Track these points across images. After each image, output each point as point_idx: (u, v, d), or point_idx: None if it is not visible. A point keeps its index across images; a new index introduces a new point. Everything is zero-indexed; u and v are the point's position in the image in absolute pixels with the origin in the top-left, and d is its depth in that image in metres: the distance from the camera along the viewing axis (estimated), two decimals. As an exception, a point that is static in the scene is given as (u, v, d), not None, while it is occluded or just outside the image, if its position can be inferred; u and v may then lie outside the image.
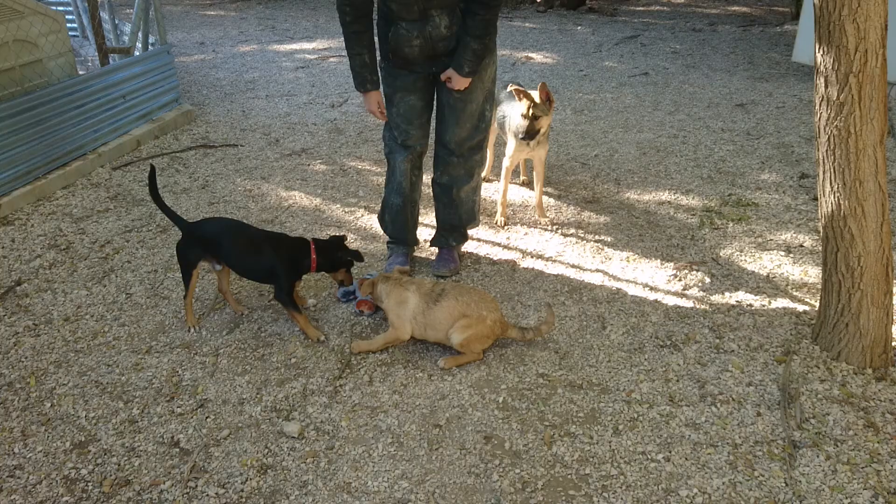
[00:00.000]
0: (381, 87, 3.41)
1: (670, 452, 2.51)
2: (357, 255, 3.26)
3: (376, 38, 3.32)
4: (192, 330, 3.23)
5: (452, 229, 3.73)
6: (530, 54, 8.76)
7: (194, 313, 3.30)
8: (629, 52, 8.87)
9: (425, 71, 3.32)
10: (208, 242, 3.14)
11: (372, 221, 4.29)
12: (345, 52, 3.70)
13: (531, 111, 3.81)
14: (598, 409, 2.72)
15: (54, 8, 5.84)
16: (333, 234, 3.48)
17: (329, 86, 7.42)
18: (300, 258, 3.15)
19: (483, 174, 3.83)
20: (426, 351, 3.07)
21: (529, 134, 3.85)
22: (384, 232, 3.82)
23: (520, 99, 3.86)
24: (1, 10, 4.77)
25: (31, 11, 5.05)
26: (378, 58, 3.37)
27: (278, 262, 3.10)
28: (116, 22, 7.59)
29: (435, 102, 3.47)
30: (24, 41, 5.00)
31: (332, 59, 8.60)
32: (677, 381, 2.87)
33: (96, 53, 6.09)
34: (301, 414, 2.72)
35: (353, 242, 4.03)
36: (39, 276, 3.71)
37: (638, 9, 12.25)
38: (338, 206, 4.53)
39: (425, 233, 3.97)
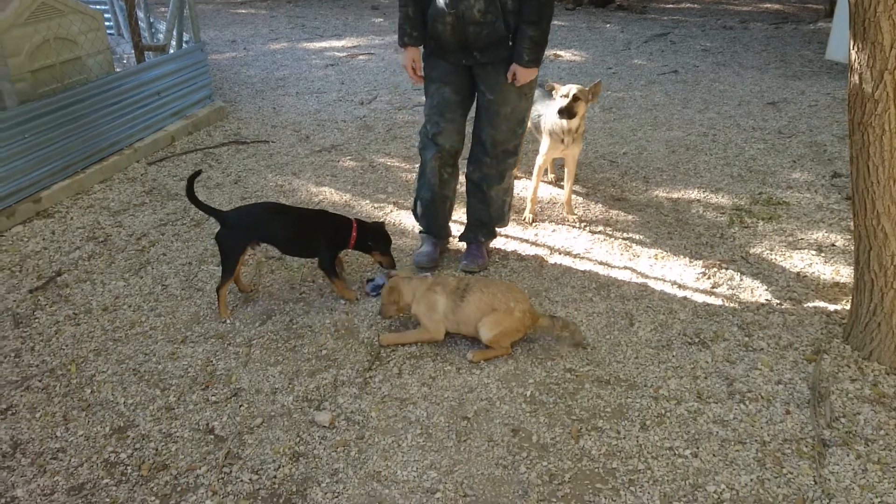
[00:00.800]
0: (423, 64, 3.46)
1: (698, 448, 2.52)
2: (384, 243, 3.47)
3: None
4: (227, 321, 3.30)
5: (482, 226, 3.75)
6: (558, 52, 8.74)
7: (227, 305, 3.37)
8: (658, 49, 8.81)
9: (458, 62, 3.34)
10: (251, 227, 3.31)
11: (401, 217, 4.34)
12: (373, 51, 3.75)
13: (573, 93, 3.91)
14: (626, 405, 2.74)
15: (92, 7, 5.98)
16: (375, 220, 3.71)
17: (358, 83, 7.49)
18: (342, 234, 3.40)
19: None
20: (454, 344, 3.11)
21: (567, 112, 3.91)
22: (416, 221, 3.87)
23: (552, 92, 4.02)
24: (43, 8, 4.90)
25: (71, 10, 5.18)
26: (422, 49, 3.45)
27: (322, 237, 3.37)
28: (151, 20, 7.74)
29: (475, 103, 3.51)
30: (65, 39, 5.13)
31: (361, 57, 8.67)
32: (705, 378, 2.88)
33: (132, 51, 6.23)
34: (332, 404, 2.77)
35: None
36: (79, 267, 3.82)
37: (668, 6, 12.15)
38: (367, 201, 4.58)
39: (457, 228, 4.00)
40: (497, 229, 3.86)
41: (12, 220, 4.24)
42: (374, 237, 3.46)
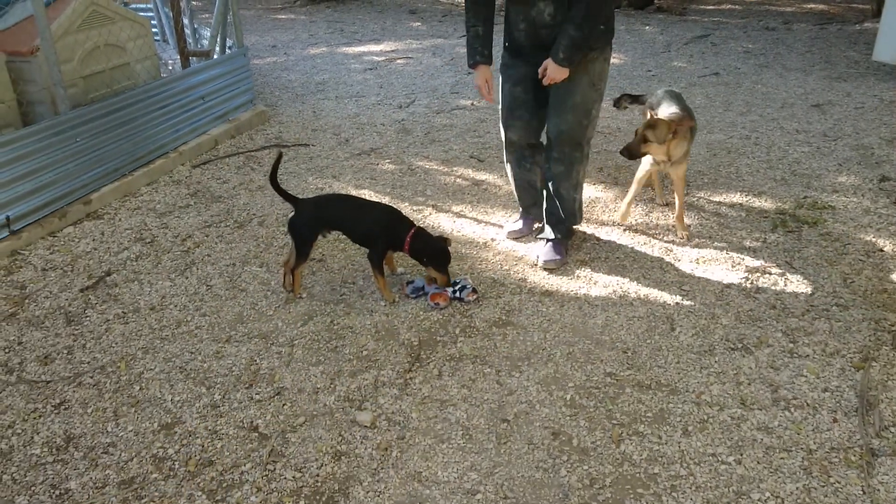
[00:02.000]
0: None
1: (742, 455, 2.48)
2: (439, 259, 3.41)
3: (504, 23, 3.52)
4: (303, 296, 3.58)
5: (557, 222, 3.79)
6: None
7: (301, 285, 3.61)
8: (699, 51, 8.70)
9: (533, 60, 3.42)
10: (326, 215, 3.55)
11: (440, 219, 4.37)
12: (411, 55, 3.85)
13: (644, 132, 3.65)
14: (667, 410, 2.72)
15: (140, 14, 6.14)
16: (441, 235, 3.63)
17: (396, 87, 7.55)
18: (398, 235, 3.45)
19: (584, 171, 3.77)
20: (494, 347, 3.12)
21: (628, 151, 3.74)
22: None
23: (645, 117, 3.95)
24: (94, 16, 5.05)
25: (120, 17, 5.33)
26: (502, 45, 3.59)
27: (379, 231, 3.47)
28: (196, 26, 7.91)
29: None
30: (114, 45, 5.29)
31: (399, 61, 8.74)
32: (749, 384, 2.84)
33: (177, 56, 6.38)
34: (373, 404, 2.80)
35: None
36: (127, 267, 3.92)
37: (708, 7, 11.98)
38: (406, 204, 4.62)
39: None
40: (573, 227, 3.88)
41: (64, 221, 4.37)
42: (430, 252, 3.42)
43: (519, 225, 4.07)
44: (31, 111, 4.80)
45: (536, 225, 4.09)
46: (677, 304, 3.40)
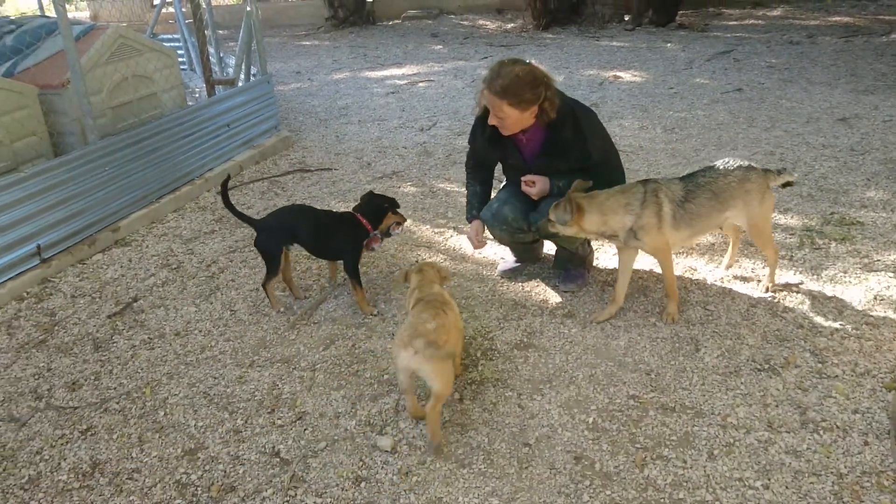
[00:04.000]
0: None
1: (769, 480, 2.43)
2: (384, 208, 3.74)
3: None
4: (281, 310, 3.70)
5: (569, 258, 3.77)
6: (618, 73, 8.69)
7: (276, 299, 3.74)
8: (721, 67, 8.66)
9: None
10: (286, 230, 3.64)
11: (460, 241, 4.38)
12: (433, 78, 3.88)
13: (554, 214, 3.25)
14: (692, 433, 2.67)
15: (167, 44, 6.30)
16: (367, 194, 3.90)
17: (418, 110, 7.61)
18: (362, 234, 3.66)
19: None
20: (515, 370, 3.10)
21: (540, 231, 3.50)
22: None
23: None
24: (122, 49, 5.20)
25: (148, 49, 5.47)
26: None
27: (350, 237, 3.65)
28: (221, 55, 8.08)
29: None
30: (142, 76, 5.42)
31: (420, 84, 8.82)
32: (776, 406, 2.78)
33: (203, 84, 6.52)
34: (393, 429, 2.80)
35: (442, 262, 4.12)
36: (153, 293, 3.99)
37: (730, 23, 11.93)
38: (427, 226, 4.64)
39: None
40: (585, 255, 3.84)
41: (93, 248, 4.47)
42: (379, 211, 3.71)
43: (511, 265, 3.99)
44: (61, 142, 4.94)
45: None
46: (702, 324, 3.35)
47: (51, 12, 8.21)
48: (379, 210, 3.72)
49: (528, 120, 3.31)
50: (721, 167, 3.37)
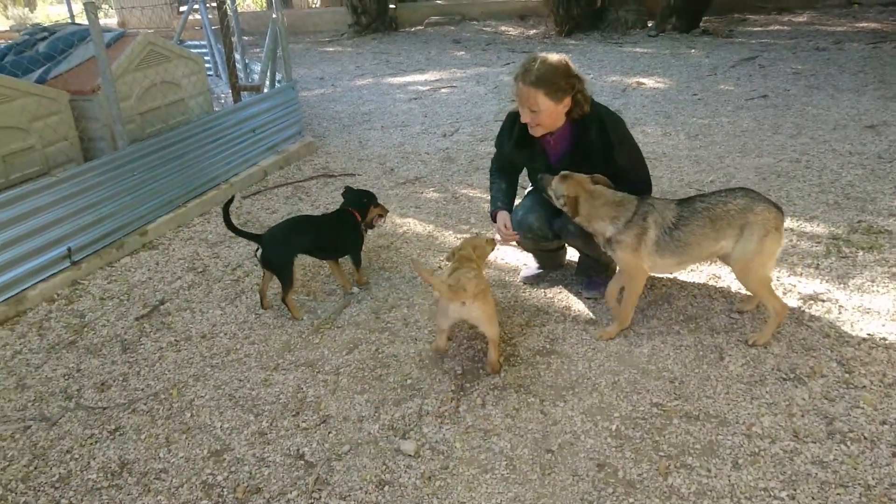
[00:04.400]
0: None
1: (795, 490, 2.41)
2: (367, 201, 3.95)
3: None
4: (305, 318, 3.72)
5: (591, 265, 3.75)
6: (641, 79, 8.66)
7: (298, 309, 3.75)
8: (746, 74, 8.59)
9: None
10: (294, 241, 3.72)
11: (483, 248, 4.39)
12: (455, 84, 3.91)
13: (554, 183, 3.30)
14: (717, 442, 2.65)
15: (193, 50, 6.40)
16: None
17: (441, 116, 7.65)
18: (360, 231, 3.91)
19: None
20: (538, 376, 3.11)
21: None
22: None
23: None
24: (151, 55, 5.29)
25: (176, 55, 5.56)
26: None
27: (350, 232, 3.88)
28: (247, 61, 8.18)
29: None
30: (170, 82, 5.51)
31: (443, 90, 8.86)
32: (802, 416, 2.75)
33: (229, 90, 6.61)
34: (417, 433, 2.81)
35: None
36: (180, 296, 4.05)
37: (755, 29, 11.84)
38: (450, 232, 4.66)
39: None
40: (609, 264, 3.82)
41: (121, 251, 4.54)
42: (358, 204, 3.89)
43: (534, 271, 3.99)
44: (91, 147, 5.03)
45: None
46: (726, 332, 3.33)
47: (80, 20, 8.38)
48: (361, 204, 3.92)
49: (560, 115, 3.31)
50: (725, 193, 3.17)
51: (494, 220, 3.67)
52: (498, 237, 3.67)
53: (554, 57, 3.27)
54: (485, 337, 3.11)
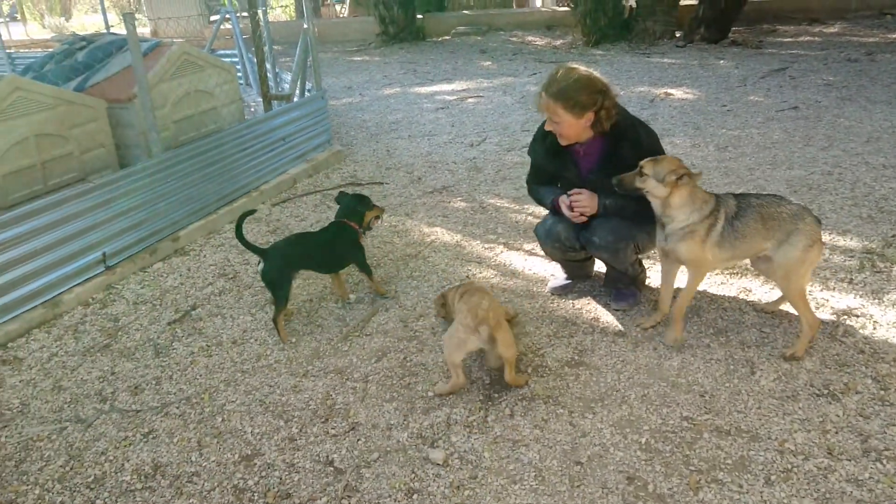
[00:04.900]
0: None
1: (829, 508, 2.37)
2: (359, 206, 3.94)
3: None
4: (293, 341, 3.64)
5: (619, 276, 3.73)
6: (669, 90, 8.62)
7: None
8: (776, 85, 8.52)
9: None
10: (295, 257, 3.73)
11: (511, 258, 4.40)
12: (482, 94, 3.91)
13: (653, 167, 3.23)
14: (748, 457, 2.63)
15: (224, 60, 6.51)
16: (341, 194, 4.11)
17: (468, 125, 7.68)
18: (357, 238, 3.89)
19: None
20: (566, 388, 3.10)
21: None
22: None
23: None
24: (186, 65, 5.39)
25: (209, 65, 5.66)
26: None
27: (352, 243, 3.89)
28: (277, 70, 8.30)
29: None
30: (203, 91, 5.61)
31: (470, 100, 8.90)
32: (836, 433, 2.72)
33: (259, 99, 6.71)
34: (445, 442, 2.82)
35: (492, 278, 4.15)
36: (211, 301, 4.11)
37: (785, 40, 11.73)
38: (477, 242, 4.67)
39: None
40: (637, 275, 3.81)
41: (154, 256, 4.63)
42: (352, 212, 3.91)
43: (562, 282, 3.96)
44: (126, 154, 5.14)
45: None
46: (757, 346, 3.30)
47: (115, 29, 8.58)
48: (357, 213, 3.92)
49: (582, 128, 3.32)
50: (778, 197, 3.23)
51: (557, 209, 3.58)
52: (569, 212, 3.50)
53: (579, 71, 3.29)
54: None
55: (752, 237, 3.16)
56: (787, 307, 3.52)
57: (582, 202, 3.42)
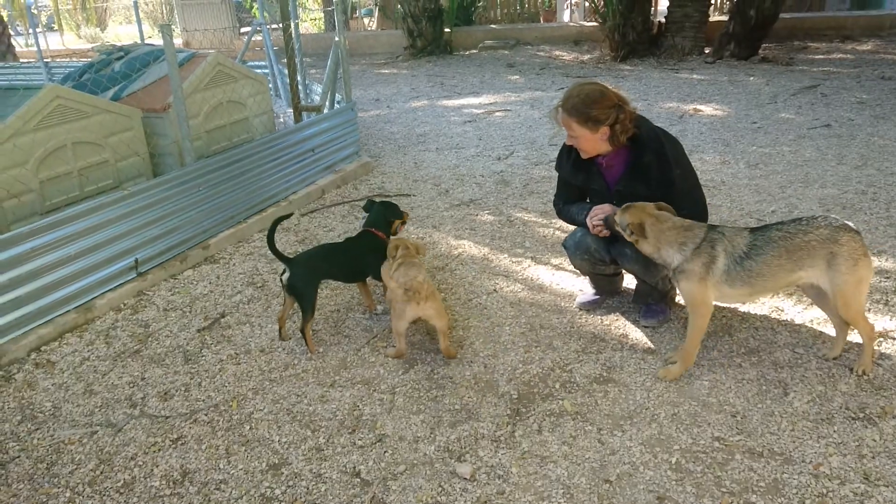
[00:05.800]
0: None
1: (866, 535, 2.32)
2: (392, 213, 4.03)
3: None
4: (320, 350, 3.67)
5: (649, 291, 3.70)
6: (698, 107, 8.57)
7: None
8: (808, 102, 8.42)
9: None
10: (322, 267, 3.76)
11: (538, 272, 4.38)
12: (510, 107, 3.93)
13: (620, 216, 3.28)
14: (782, 480, 2.58)
15: (256, 71, 6.60)
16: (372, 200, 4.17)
17: (495, 139, 7.69)
18: (384, 249, 3.79)
19: None
20: (595, 404, 3.07)
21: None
22: None
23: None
24: (220, 75, 5.47)
25: (242, 76, 5.74)
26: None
27: (374, 253, 3.85)
28: (307, 82, 8.38)
29: None
30: (236, 102, 5.69)
31: (497, 114, 8.92)
32: (873, 457, 2.66)
33: (289, 110, 6.78)
34: (472, 456, 2.81)
35: (520, 292, 4.13)
36: (239, 310, 4.14)
37: (817, 57, 11.61)
38: (505, 255, 4.66)
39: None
40: (667, 291, 3.76)
41: (184, 264, 4.68)
42: (385, 217, 3.98)
43: (590, 297, 3.95)
44: (160, 162, 5.22)
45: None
46: (790, 367, 3.24)
47: (150, 40, 8.74)
48: (386, 223, 3.99)
49: (599, 142, 3.33)
50: (806, 222, 3.05)
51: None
52: (593, 222, 3.46)
53: (593, 86, 3.31)
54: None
55: (777, 272, 3.03)
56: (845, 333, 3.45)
57: (605, 212, 3.40)
